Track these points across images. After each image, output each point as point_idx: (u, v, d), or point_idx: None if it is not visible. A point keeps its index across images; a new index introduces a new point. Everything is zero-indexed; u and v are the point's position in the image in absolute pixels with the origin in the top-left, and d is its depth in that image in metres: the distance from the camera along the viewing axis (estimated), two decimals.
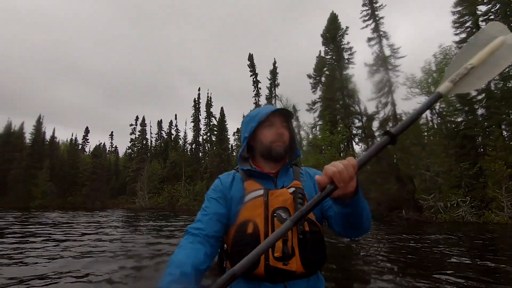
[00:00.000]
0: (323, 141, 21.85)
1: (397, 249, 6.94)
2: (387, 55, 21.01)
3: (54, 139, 53.04)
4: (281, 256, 0.96)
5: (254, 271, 0.97)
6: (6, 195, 42.69)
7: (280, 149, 1.14)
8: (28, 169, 44.18)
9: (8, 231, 9.48)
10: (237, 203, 1.10)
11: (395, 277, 4.31)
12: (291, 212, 1.02)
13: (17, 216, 17.08)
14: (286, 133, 1.18)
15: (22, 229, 10.18)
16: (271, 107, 1.18)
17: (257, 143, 1.19)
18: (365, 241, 8.03)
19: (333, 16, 27.04)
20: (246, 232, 1.01)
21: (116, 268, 4.64)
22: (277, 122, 1.16)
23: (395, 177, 17.52)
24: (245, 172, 1.16)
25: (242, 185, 1.12)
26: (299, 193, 1.04)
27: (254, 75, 42.45)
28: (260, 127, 1.17)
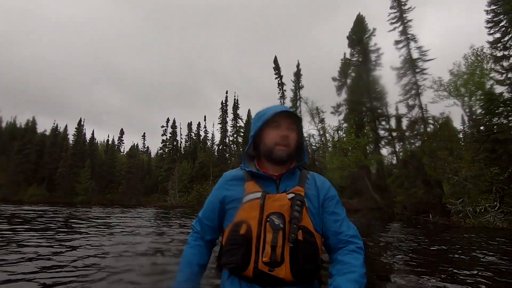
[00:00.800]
0: (348, 144, 22.04)
1: (422, 251, 6.85)
2: (415, 58, 20.80)
3: (94, 140, 57.30)
4: (269, 261, 0.97)
5: (244, 271, 0.99)
6: (55, 191, 47.02)
7: (283, 153, 1.11)
8: (72, 168, 48.29)
9: (64, 222, 11.10)
10: (236, 202, 1.10)
11: (420, 279, 4.18)
12: (286, 218, 1.01)
13: (70, 211, 19.23)
14: (293, 136, 1.15)
15: (72, 221, 11.81)
16: (279, 107, 1.15)
17: (261, 143, 1.17)
18: (389, 243, 8.25)
19: (359, 18, 26.99)
20: (239, 233, 1.02)
21: (146, 262, 4.93)
22: (284, 124, 1.13)
23: (422, 181, 17.44)
24: (248, 173, 1.15)
25: (243, 186, 1.12)
26: (298, 200, 1.03)
27: (279, 77, 43.14)
28: (266, 127, 1.15)
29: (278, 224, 0.99)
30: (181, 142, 60.02)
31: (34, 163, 49.28)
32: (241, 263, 0.99)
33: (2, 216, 12.70)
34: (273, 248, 0.97)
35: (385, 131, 23.28)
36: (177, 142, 58.54)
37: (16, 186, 46.75)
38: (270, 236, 0.99)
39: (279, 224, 1.00)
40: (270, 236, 0.98)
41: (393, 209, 19.49)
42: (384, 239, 8.87)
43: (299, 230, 1.00)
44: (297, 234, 0.98)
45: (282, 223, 1.00)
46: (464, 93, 17.79)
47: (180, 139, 59.81)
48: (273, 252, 0.97)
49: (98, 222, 11.67)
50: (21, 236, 6.79)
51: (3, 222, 10.13)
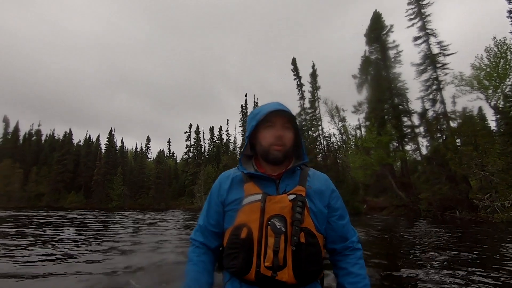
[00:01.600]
0: (370, 142, 22.12)
1: (451, 247, 6.77)
2: (436, 53, 20.60)
3: (124, 148, 60.55)
4: (271, 265, 0.95)
5: (245, 275, 0.98)
6: (91, 197, 50.35)
7: (278, 153, 1.08)
8: (106, 176, 51.43)
9: (106, 225, 12.46)
10: (235, 205, 1.08)
11: (449, 275, 4.21)
12: (288, 220, 0.99)
13: (104, 214, 20.97)
14: (288, 135, 1.11)
15: (111, 223, 13.16)
16: (272, 105, 1.11)
17: (257, 143, 1.15)
18: (417, 239, 8.34)
19: (376, 15, 26.89)
20: (239, 236, 1.00)
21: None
22: (278, 123, 1.10)
23: (447, 177, 17.33)
24: (246, 174, 1.12)
25: (242, 187, 1.09)
26: (299, 201, 1.01)
27: (297, 79, 43.49)
28: (260, 127, 1.12)
29: (279, 228, 0.98)
30: (204, 146, 61.99)
31: (72, 172, 53.06)
32: (243, 267, 0.98)
33: (70, 220, 14.40)
34: (275, 252, 0.96)
35: (407, 127, 23.11)
36: (201, 147, 60.51)
37: (57, 193, 50.58)
38: (271, 240, 0.97)
39: (281, 227, 0.98)
40: (272, 240, 0.97)
41: (418, 206, 19.43)
42: (413, 237, 8.92)
43: (301, 232, 0.99)
44: (299, 236, 0.97)
45: (284, 226, 0.99)
46: (488, 86, 17.45)
47: (203, 143, 61.79)
48: (275, 257, 0.95)
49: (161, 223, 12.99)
50: (106, 233, 8.14)
51: (71, 225, 11.66)
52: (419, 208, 19.38)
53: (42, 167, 52.91)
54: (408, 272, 4.48)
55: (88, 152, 56.47)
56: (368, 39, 27.16)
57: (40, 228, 10.75)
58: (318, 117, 35.56)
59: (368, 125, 25.98)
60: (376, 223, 15.14)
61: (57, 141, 58.96)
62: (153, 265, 4.99)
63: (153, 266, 4.94)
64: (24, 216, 17.42)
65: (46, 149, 57.88)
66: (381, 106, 24.73)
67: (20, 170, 49.21)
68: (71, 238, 7.97)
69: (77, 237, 8.24)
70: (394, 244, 7.83)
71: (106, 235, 9.06)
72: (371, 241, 8.32)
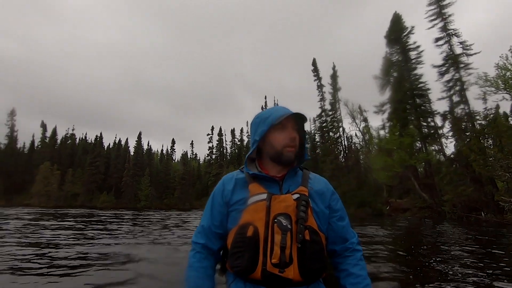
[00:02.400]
0: (392, 144, 22.18)
1: (474, 251, 6.60)
2: (458, 53, 20.40)
3: (151, 151, 63.46)
4: (278, 263, 0.97)
5: (251, 274, 0.99)
6: (121, 197, 53.28)
7: (292, 154, 1.13)
8: (134, 177, 54.19)
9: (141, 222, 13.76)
10: (240, 205, 1.10)
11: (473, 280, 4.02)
12: (293, 219, 1.01)
13: (134, 214, 22.59)
14: (298, 137, 1.16)
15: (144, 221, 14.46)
16: (284, 110, 1.14)
17: (267, 146, 1.17)
18: (440, 241, 8.31)
19: (396, 17, 26.88)
20: (245, 235, 1.02)
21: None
22: (289, 125, 1.14)
23: (471, 179, 17.22)
24: (250, 175, 1.14)
25: (246, 188, 1.12)
26: (303, 200, 1.04)
27: (318, 80, 43.68)
28: (271, 130, 1.14)
29: (286, 225, 1.00)
30: (226, 148, 63.60)
31: (103, 173, 56.37)
32: (248, 265, 0.99)
33: (123, 218, 15.98)
34: (282, 249, 0.97)
35: (430, 129, 22.94)
36: (223, 149, 62.17)
37: (91, 193, 53.95)
38: (278, 237, 0.99)
39: (287, 225, 1.00)
40: (279, 237, 0.99)
41: (442, 208, 19.35)
42: (435, 239, 8.89)
43: (305, 230, 1.01)
44: (304, 234, 1.00)
45: (290, 224, 1.01)
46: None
47: (225, 145, 63.41)
48: (282, 253, 0.97)
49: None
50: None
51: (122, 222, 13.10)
52: (443, 210, 19.29)
53: (76, 169, 56.60)
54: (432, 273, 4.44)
55: (117, 155, 59.77)
56: (388, 41, 27.18)
57: (106, 223, 12.21)
58: (339, 119, 35.75)
59: (390, 126, 25.97)
60: (399, 224, 15.22)
61: (89, 144, 62.88)
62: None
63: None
64: (83, 214, 19.31)
65: (80, 152, 61.86)
66: (403, 107, 24.68)
67: (57, 171, 53.01)
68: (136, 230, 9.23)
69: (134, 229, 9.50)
70: (416, 245, 7.88)
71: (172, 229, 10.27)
72: (391, 242, 8.62)
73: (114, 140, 62.55)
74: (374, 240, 8.36)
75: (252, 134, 1.20)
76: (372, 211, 26.47)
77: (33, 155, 60.15)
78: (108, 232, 9.43)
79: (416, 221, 16.96)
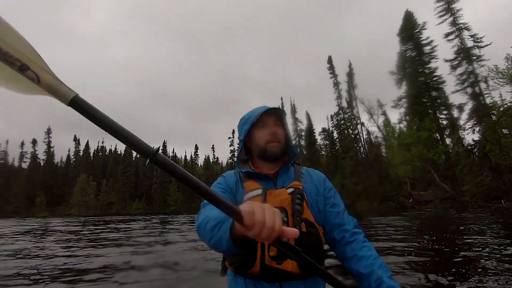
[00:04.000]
0: (409, 138, 22.76)
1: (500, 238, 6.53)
2: (469, 46, 20.87)
3: (176, 158, 66.56)
4: (276, 255, 0.98)
5: (250, 269, 0.99)
6: (151, 204, 56.54)
7: (276, 149, 1.15)
8: (163, 183, 57.29)
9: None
10: (237, 202, 1.09)
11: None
12: (289, 212, 1.03)
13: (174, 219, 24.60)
14: (281, 131, 1.18)
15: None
16: (262, 108, 1.19)
17: (253, 145, 1.21)
18: (464, 231, 8.25)
19: (408, 14, 27.40)
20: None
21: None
22: (270, 121, 1.18)
23: (489, 168, 17.78)
24: (244, 174, 1.16)
25: (242, 186, 1.14)
26: (297, 193, 1.06)
27: (334, 77, 44.32)
28: (254, 129, 1.19)
29: (282, 218, 0.90)
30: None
31: (133, 182, 60.01)
32: (247, 260, 1.00)
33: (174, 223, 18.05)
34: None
35: (447, 121, 23.36)
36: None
37: (124, 201, 57.63)
38: None
39: (283, 217, 1.00)
40: None
41: (463, 198, 19.91)
42: (461, 230, 8.79)
43: (302, 222, 1.02)
44: (300, 226, 1.00)
45: (285, 217, 1.02)
46: None
47: (237, 148, 65.02)
48: None
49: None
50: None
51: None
52: (465, 200, 19.82)
53: (109, 179, 60.59)
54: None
55: (145, 164, 63.26)
56: (401, 38, 27.75)
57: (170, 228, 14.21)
58: (357, 116, 36.45)
59: (408, 120, 26.51)
60: (422, 216, 15.39)
61: (119, 156, 66.97)
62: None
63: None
64: (133, 220, 21.66)
65: (111, 163, 66.00)
66: (419, 100, 25.19)
67: (93, 183, 57.08)
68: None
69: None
70: (441, 235, 7.89)
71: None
72: (416, 233, 8.80)
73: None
74: (399, 233, 8.72)
75: (238, 136, 1.26)
76: (395, 205, 27.18)
77: (69, 168, 64.98)
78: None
79: (438, 212, 17.55)
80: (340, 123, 39.65)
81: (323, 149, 53.36)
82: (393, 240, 7.20)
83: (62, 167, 67.35)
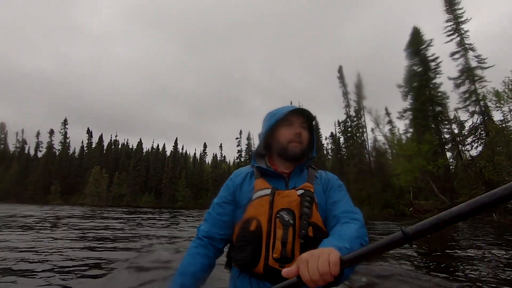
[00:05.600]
0: (410, 150, 23.92)
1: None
2: (473, 66, 22.02)
3: (186, 155, 68.78)
4: (279, 257, 0.97)
5: (254, 268, 1.00)
6: (160, 198, 58.68)
7: (297, 149, 1.15)
8: (172, 179, 59.41)
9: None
10: (245, 200, 1.12)
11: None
12: (296, 214, 1.02)
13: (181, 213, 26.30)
14: (305, 133, 1.19)
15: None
16: (291, 107, 1.19)
17: (274, 141, 1.21)
18: (454, 243, 8.12)
19: (416, 31, 28.57)
20: (249, 229, 1.03)
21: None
22: (297, 122, 1.18)
23: (483, 183, 18.98)
24: (258, 170, 1.17)
25: (253, 183, 1.14)
26: (307, 196, 1.04)
27: (343, 86, 45.57)
28: (279, 126, 1.18)
29: (288, 220, 1.00)
30: (253, 151, 66.92)
31: (144, 176, 62.29)
32: (251, 259, 1.00)
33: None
34: (284, 244, 0.98)
35: (449, 135, 24.51)
36: (252, 152, 65.71)
37: (134, 194, 59.92)
38: (280, 232, 1.00)
39: (289, 220, 1.00)
40: (280, 232, 1.00)
41: None
42: (451, 238, 8.95)
43: (309, 226, 1.00)
44: (307, 230, 0.99)
45: (292, 219, 1.01)
46: None
47: (253, 148, 66.80)
48: (283, 248, 0.97)
49: None
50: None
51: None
52: None
53: (121, 172, 62.98)
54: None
55: (156, 159, 65.59)
56: (408, 54, 28.94)
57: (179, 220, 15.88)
58: (363, 125, 37.70)
59: (411, 132, 27.75)
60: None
61: (131, 150, 69.44)
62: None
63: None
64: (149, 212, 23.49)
65: (123, 157, 68.44)
66: (422, 114, 26.38)
67: (106, 174, 59.50)
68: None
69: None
70: (432, 242, 7.79)
71: None
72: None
73: (152, 145, 68.78)
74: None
75: (262, 129, 1.27)
76: (395, 212, 28.49)
77: (83, 160, 67.67)
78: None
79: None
80: (348, 130, 40.89)
81: (329, 153, 54.80)
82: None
83: (76, 158, 70.08)
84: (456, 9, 23.28)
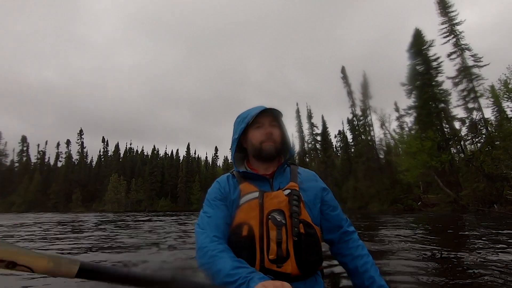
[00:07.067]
0: (413, 147, 25.04)
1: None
2: (470, 65, 23.12)
3: (199, 159, 71.15)
4: (276, 258, 0.98)
5: None
6: (176, 202, 61.06)
7: (271, 148, 1.16)
8: (186, 183, 61.71)
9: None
10: (234, 205, 1.10)
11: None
12: (286, 214, 1.03)
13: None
14: (276, 132, 1.19)
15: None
16: (259, 108, 1.19)
17: (248, 145, 1.22)
18: (459, 234, 8.19)
19: (417, 32, 29.59)
20: (241, 235, 1.03)
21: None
22: (266, 122, 1.19)
23: (484, 176, 20.12)
24: (240, 175, 1.16)
25: (238, 188, 1.13)
26: (294, 195, 1.06)
27: (347, 86, 46.69)
28: (249, 128, 1.20)
29: (280, 220, 1.01)
30: None
31: (160, 181, 64.85)
32: (248, 262, 0.97)
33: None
34: (279, 244, 0.99)
35: (451, 131, 25.53)
36: (230, 160, 67.61)
37: (151, 199, 62.48)
38: (274, 233, 1.01)
39: (281, 220, 1.01)
40: (274, 233, 1.00)
41: (461, 202, 22.28)
42: (453, 229, 9.15)
43: (300, 223, 1.02)
44: (299, 227, 1.01)
45: (283, 219, 1.02)
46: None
47: None
48: (278, 248, 0.99)
49: None
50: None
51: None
52: (464, 204, 22.13)
53: (138, 178, 65.69)
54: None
55: (170, 164, 68.12)
56: (410, 54, 30.03)
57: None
58: (370, 123, 38.87)
59: (415, 129, 28.81)
60: (425, 217, 16.81)
61: (147, 157, 72.28)
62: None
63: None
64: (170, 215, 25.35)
65: (139, 163, 71.24)
66: (426, 112, 27.44)
67: (124, 181, 62.22)
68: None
69: None
70: (438, 232, 8.19)
71: None
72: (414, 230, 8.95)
73: (165, 151, 71.47)
74: (392, 229, 9.18)
75: (233, 133, 1.25)
76: (403, 207, 29.71)
77: (101, 168, 70.73)
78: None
79: (438, 215, 19.79)
80: (355, 128, 41.99)
81: (338, 151, 55.93)
82: (388, 236, 7.61)
83: (94, 166, 73.22)
84: (450, 11, 24.37)
